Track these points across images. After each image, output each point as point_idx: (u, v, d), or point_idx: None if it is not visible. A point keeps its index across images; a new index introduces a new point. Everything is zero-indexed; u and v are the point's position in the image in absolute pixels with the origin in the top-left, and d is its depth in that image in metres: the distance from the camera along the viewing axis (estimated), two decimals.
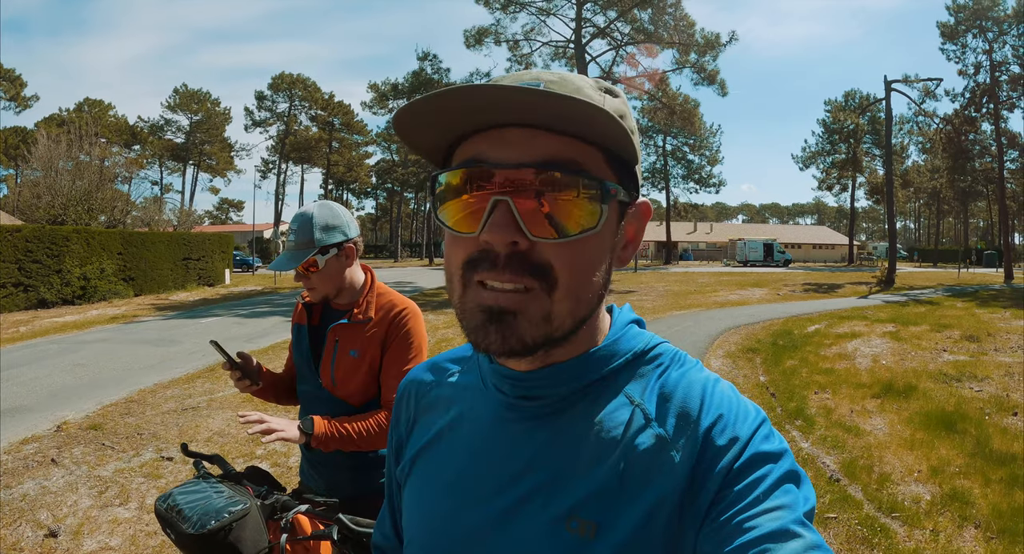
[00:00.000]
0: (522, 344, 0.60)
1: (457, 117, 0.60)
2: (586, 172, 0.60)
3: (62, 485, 4.64)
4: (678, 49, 30.20)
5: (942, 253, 67.63)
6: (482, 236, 0.59)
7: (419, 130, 0.62)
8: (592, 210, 0.60)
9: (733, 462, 0.59)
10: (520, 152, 0.59)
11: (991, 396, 7.24)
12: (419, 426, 0.80)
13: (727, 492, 0.58)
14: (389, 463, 0.88)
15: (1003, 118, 34.53)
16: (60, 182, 24.60)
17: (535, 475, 0.65)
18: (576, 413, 0.66)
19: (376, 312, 1.96)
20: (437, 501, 0.71)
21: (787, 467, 0.59)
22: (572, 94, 0.57)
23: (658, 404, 0.65)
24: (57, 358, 9.60)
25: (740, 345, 11.15)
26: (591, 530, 0.60)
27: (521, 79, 0.62)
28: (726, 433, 0.61)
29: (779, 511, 0.55)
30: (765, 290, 24.30)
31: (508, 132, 0.60)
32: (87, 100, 64.10)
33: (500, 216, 0.58)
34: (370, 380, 1.95)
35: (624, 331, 0.71)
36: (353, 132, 69.61)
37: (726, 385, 0.67)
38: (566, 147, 0.59)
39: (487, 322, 0.60)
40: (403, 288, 23.96)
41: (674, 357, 0.70)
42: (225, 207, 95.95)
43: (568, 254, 0.60)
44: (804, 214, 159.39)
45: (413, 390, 0.84)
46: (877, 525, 4.00)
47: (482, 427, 0.71)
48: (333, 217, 1.95)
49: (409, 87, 36.60)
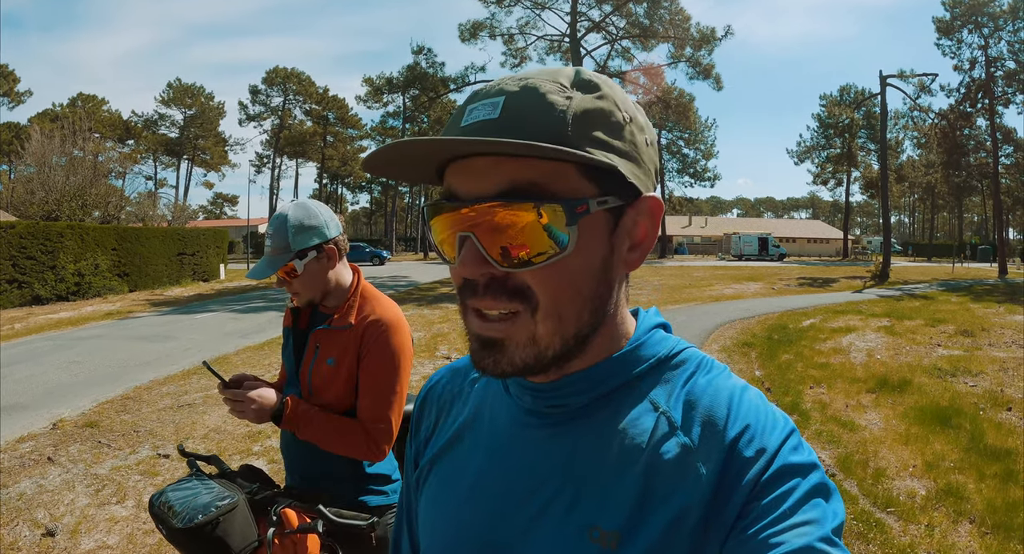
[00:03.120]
0: (513, 367, 0.61)
1: (424, 157, 0.61)
2: (548, 194, 0.58)
3: (59, 484, 4.63)
4: (673, 43, 30.22)
5: (936, 248, 67.90)
6: (456, 269, 0.61)
7: (393, 170, 0.64)
8: (558, 231, 0.58)
9: (760, 474, 0.58)
10: (482, 183, 0.58)
11: (985, 391, 7.28)
12: (439, 429, 0.80)
13: (754, 505, 0.56)
14: (406, 474, 0.87)
15: (998, 113, 34.61)
16: (54, 178, 24.47)
17: (557, 483, 0.64)
18: (599, 420, 0.65)
19: (356, 318, 1.85)
20: (457, 508, 0.71)
21: (816, 480, 0.58)
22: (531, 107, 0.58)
23: (684, 411, 0.64)
24: (52, 355, 9.57)
25: (735, 339, 11.18)
26: (614, 540, 0.59)
27: (488, 94, 0.61)
28: (753, 444, 0.59)
29: (807, 526, 0.54)
30: (760, 284, 24.36)
31: (474, 162, 0.59)
32: (80, 95, 63.88)
33: (468, 251, 0.59)
34: (347, 391, 1.83)
35: (648, 336, 0.70)
36: (347, 126, 69.58)
37: (754, 393, 0.66)
38: (528, 170, 0.58)
39: (481, 349, 0.63)
40: (398, 283, 23.97)
41: (700, 363, 0.69)
42: (220, 202, 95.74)
43: (544, 276, 0.59)
44: (799, 208, 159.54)
45: (436, 395, 0.84)
46: (872, 520, 4.03)
47: (503, 433, 0.71)
48: (309, 217, 1.84)
49: (404, 81, 36.53)
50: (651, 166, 0.65)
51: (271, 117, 66.35)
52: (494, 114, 0.59)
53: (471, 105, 0.62)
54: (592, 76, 0.63)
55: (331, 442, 1.77)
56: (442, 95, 37.19)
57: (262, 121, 66.60)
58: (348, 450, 1.78)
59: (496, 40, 31.40)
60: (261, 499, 1.69)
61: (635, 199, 0.63)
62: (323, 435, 1.77)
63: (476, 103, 0.61)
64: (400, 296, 18.83)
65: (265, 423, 1.80)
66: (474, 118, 0.59)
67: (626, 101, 0.64)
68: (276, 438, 5.56)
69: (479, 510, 0.68)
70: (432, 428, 0.81)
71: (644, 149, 0.64)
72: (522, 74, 0.63)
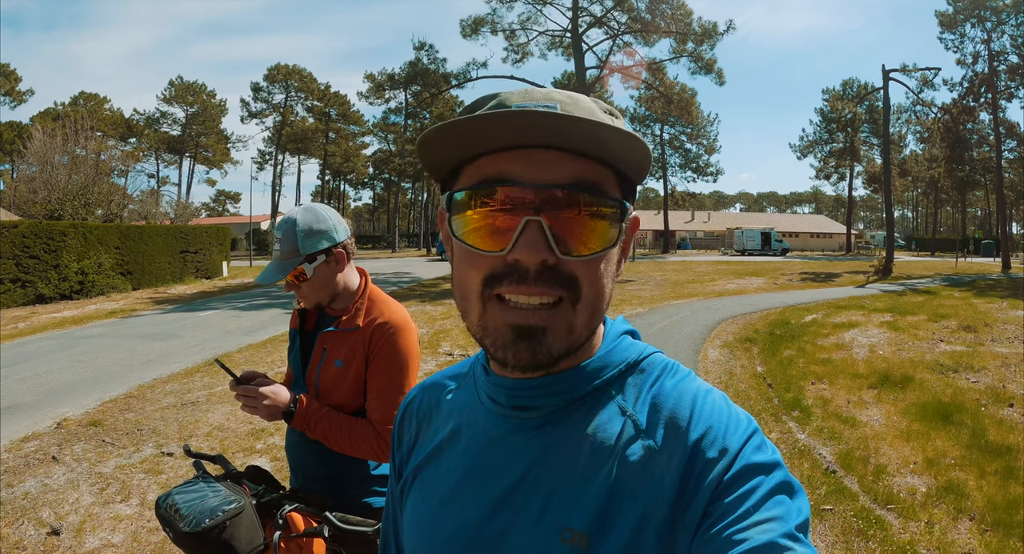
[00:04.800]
0: (549, 357, 0.63)
1: (483, 137, 0.61)
2: (608, 193, 0.63)
3: (63, 483, 4.66)
4: (675, 38, 30.09)
5: (940, 242, 67.64)
6: (512, 254, 0.60)
7: (442, 149, 0.64)
8: (613, 228, 0.63)
9: (723, 474, 0.59)
10: (550, 173, 0.61)
11: (987, 387, 7.28)
12: (419, 443, 0.82)
13: (717, 504, 0.58)
14: (390, 485, 0.89)
15: (1001, 108, 34.55)
16: (56, 177, 24.48)
17: (530, 487, 0.66)
18: (570, 424, 0.67)
19: (364, 320, 1.86)
20: (437, 514, 0.72)
21: (779, 478, 0.59)
22: (587, 116, 0.59)
23: (649, 414, 0.65)
24: (56, 354, 9.60)
25: (737, 335, 11.17)
26: (583, 541, 0.60)
27: (533, 98, 0.64)
28: (716, 444, 0.61)
29: (770, 523, 0.55)
30: (763, 279, 24.33)
31: (537, 153, 0.61)
32: (82, 94, 63.84)
33: (531, 235, 0.60)
34: (355, 392, 1.85)
35: (617, 342, 0.72)
36: (350, 123, 69.40)
37: (718, 395, 0.67)
38: (589, 170, 0.62)
39: (516, 339, 0.62)
40: (401, 279, 23.98)
41: (666, 367, 0.71)
42: (222, 199, 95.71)
43: (590, 268, 0.63)
44: (802, 203, 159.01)
45: (414, 409, 0.86)
46: (872, 517, 4.04)
47: (478, 441, 0.72)
48: (318, 221, 1.85)
49: (405, 77, 36.40)
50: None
51: (273, 114, 66.27)
52: (555, 109, 0.62)
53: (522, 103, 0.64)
54: (608, 106, 0.68)
55: (341, 442, 1.78)
56: (444, 91, 37.08)
57: (264, 118, 66.54)
58: (357, 450, 1.79)
59: (498, 36, 31.24)
60: (267, 501, 1.70)
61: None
62: (334, 434, 1.78)
63: (526, 102, 0.64)
64: (403, 292, 18.85)
65: (274, 420, 1.81)
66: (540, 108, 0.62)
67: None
68: (279, 436, 5.58)
69: (459, 514, 0.70)
70: (413, 440, 0.83)
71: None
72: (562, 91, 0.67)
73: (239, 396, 1.77)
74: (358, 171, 73.40)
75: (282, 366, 8.17)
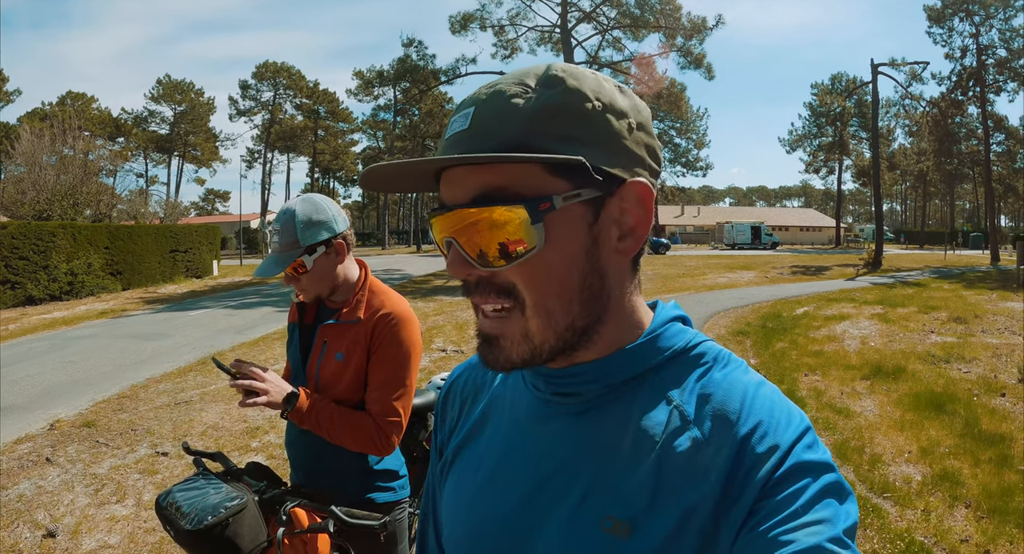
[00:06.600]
0: (510, 362, 0.65)
1: (406, 178, 0.66)
2: (514, 196, 0.60)
3: (58, 484, 4.63)
4: (664, 33, 30.13)
5: (929, 235, 68.21)
6: (448, 272, 0.65)
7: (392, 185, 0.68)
8: (527, 231, 0.60)
9: (773, 471, 0.57)
10: (459, 191, 0.62)
11: (979, 377, 7.34)
12: (463, 420, 0.82)
13: (765, 503, 0.56)
14: (431, 463, 0.89)
15: (989, 101, 34.86)
16: (44, 177, 24.24)
17: (571, 473, 0.65)
18: (613, 411, 0.66)
19: (365, 312, 1.83)
20: (477, 495, 0.72)
21: (830, 480, 0.57)
22: (494, 113, 0.61)
23: (697, 405, 0.63)
24: (47, 355, 9.53)
25: (730, 328, 11.22)
26: (625, 530, 0.59)
27: (465, 104, 0.64)
28: (766, 440, 0.59)
29: (818, 526, 0.53)
30: (754, 273, 24.43)
31: (452, 173, 0.62)
32: (70, 93, 63.12)
33: (453, 254, 0.64)
34: (356, 386, 1.82)
35: (665, 329, 0.69)
36: (339, 120, 69.15)
37: (770, 388, 0.65)
38: (496, 175, 0.60)
39: (482, 345, 0.67)
40: (392, 276, 23.91)
41: (717, 356, 0.68)
42: (211, 198, 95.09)
43: (525, 273, 0.62)
44: (791, 197, 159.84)
45: (459, 387, 0.86)
46: (869, 505, 4.07)
47: (522, 423, 0.72)
48: (317, 212, 1.80)
49: (394, 74, 36.30)
50: (639, 150, 0.64)
51: (262, 112, 65.91)
52: (465, 125, 0.62)
53: (453, 117, 0.66)
54: (560, 70, 0.63)
55: (341, 435, 1.75)
56: (433, 87, 36.98)
57: (252, 116, 66.15)
58: (358, 443, 1.77)
59: (487, 32, 31.23)
60: (270, 498, 1.69)
61: (618, 187, 0.63)
62: (334, 427, 1.75)
63: (456, 115, 0.65)
64: (394, 289, 18.76)
65: (274, 411, 1.78)
66: (452, 130, 0.63)
67: (600, 89, 0.63)
68: (274, 434, 5.56)
69: (497, 498, 0.69)
70: (456, 419, 0.83)
71: (627, 135, 0.63)
72: (496, 80, 0.65)
73: (240, 389, 1.74)
74: (347, 168, 73.17)
75: (276, 363, 8.14)
